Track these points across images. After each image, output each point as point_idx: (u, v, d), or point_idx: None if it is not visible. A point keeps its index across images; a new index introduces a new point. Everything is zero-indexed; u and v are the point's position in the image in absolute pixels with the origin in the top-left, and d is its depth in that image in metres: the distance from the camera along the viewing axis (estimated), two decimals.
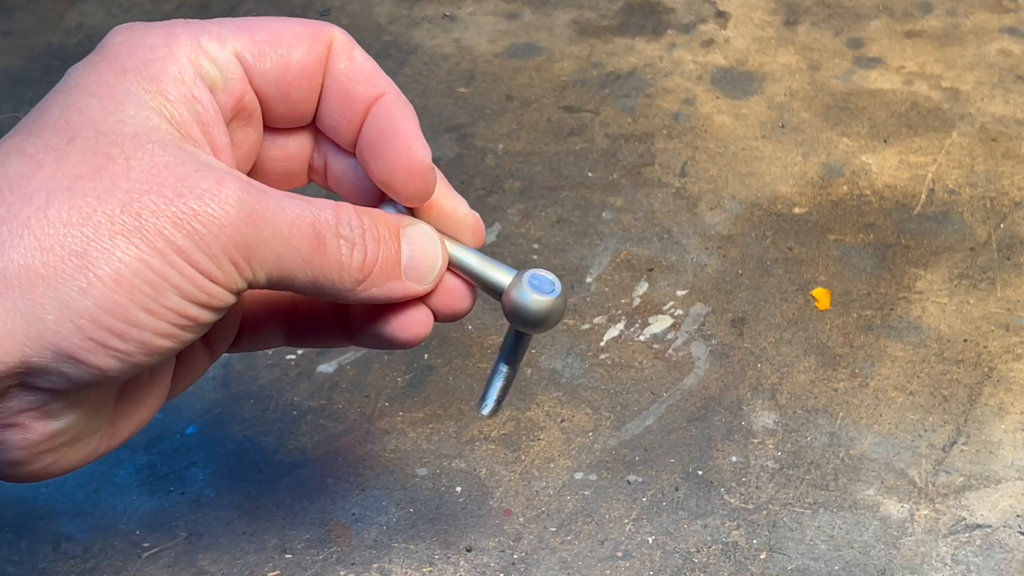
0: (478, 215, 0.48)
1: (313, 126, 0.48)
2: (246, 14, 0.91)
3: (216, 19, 0.45)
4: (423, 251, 0.46)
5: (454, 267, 0.48)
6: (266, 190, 0.42)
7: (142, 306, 0.39)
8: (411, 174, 0.46)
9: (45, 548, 0.59)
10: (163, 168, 0.40)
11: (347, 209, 0.44)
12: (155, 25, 0.44)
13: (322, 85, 0.46)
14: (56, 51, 0.89)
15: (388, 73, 0.47)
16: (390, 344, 0.48)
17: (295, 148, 0.48)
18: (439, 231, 0.47)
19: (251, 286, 0.42)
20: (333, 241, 0.43)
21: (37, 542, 0.59)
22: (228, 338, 0.49)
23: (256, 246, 0.41)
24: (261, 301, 0.50)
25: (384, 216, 0.46)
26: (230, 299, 0.42)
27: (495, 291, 0.47)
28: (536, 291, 0.46)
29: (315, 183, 0.50)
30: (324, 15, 0.91)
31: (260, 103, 0.46)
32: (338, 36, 0.46)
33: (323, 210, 0.43)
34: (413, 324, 0.47)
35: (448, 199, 0.48)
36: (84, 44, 0.89)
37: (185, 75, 0.43)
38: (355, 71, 0.46)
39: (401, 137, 0.45)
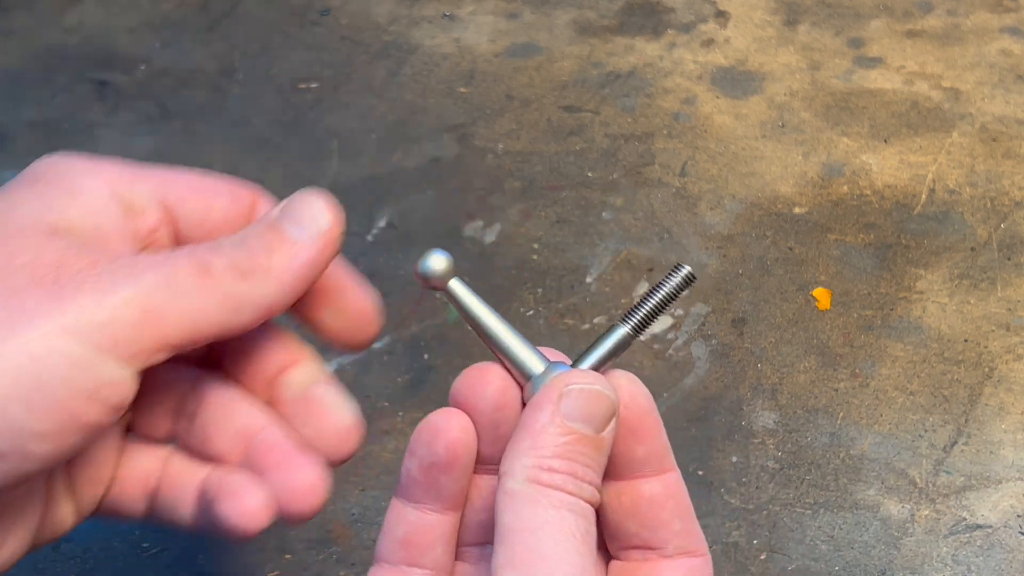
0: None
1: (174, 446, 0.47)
2: (245, 13, 0.91)
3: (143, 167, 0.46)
4: (299, 207, 0.45)
5: (487, 340, 0.46)
6: (140, 261, 0.42)
7: (23, 401, 0.38)
8: (364, 321, 0.47)
9: (45, 548, 0.59)
10: (41, 265, 0.40)
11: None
12: (84, 156, 0.45)
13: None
14: (55, 51, 0.89)
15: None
16: (226, 531, 0.45)
17: (147, 466, 0.47)
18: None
19: (147, 364, 0.41)
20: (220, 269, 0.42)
21: None
22: (95, 492, 0.47)
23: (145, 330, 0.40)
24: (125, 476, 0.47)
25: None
26: (127, 393, 0.41)
27: (522, 374, 0.46)
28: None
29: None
30: (324, 15, 0.91)
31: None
32: (263, 196, 0.47)
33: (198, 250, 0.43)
34: (248, 511, 0.44)
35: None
36: (83, 44, 0.89)
37: (98, 192, 0.43)
38: None
39: (352, 287, 0.47)
